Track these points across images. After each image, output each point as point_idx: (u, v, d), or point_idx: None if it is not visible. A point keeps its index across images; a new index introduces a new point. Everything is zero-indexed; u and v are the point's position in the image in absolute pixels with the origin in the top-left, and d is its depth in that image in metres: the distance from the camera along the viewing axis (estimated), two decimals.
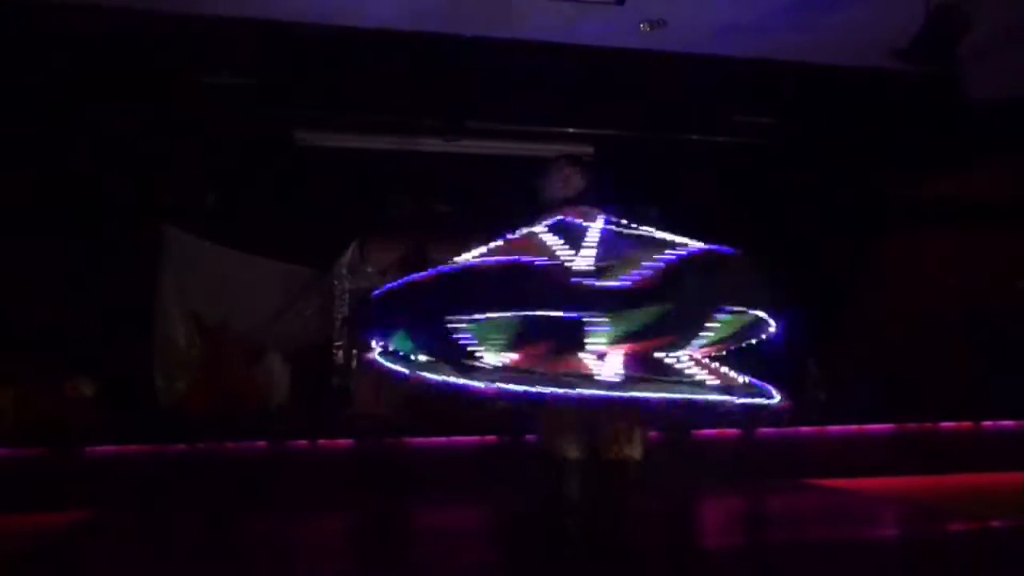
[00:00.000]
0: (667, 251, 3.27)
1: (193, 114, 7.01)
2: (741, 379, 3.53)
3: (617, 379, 3.18)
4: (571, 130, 7.72)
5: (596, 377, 3.16)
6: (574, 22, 6.03)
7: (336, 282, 7.70)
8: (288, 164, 7.70)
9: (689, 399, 3.17)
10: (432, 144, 7.70)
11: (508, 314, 3.21)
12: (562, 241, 3.42)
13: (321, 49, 6.28)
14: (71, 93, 6.52)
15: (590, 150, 7.94)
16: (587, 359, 3.23)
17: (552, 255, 3.33)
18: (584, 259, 3.28)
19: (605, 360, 3.25)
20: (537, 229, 3.61)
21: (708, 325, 3.40)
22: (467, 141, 7.64)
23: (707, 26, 6.14)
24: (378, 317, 3.65)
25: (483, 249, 3.56)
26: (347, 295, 7.63)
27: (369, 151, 7.83)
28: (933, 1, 5.54)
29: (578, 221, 3.63)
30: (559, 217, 3.68)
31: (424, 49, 6.29)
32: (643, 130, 7.70)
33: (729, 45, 6.43)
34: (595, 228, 3.54)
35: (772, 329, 3.67)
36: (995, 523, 4.97)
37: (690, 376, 3.36)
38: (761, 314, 3.53)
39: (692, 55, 6.56)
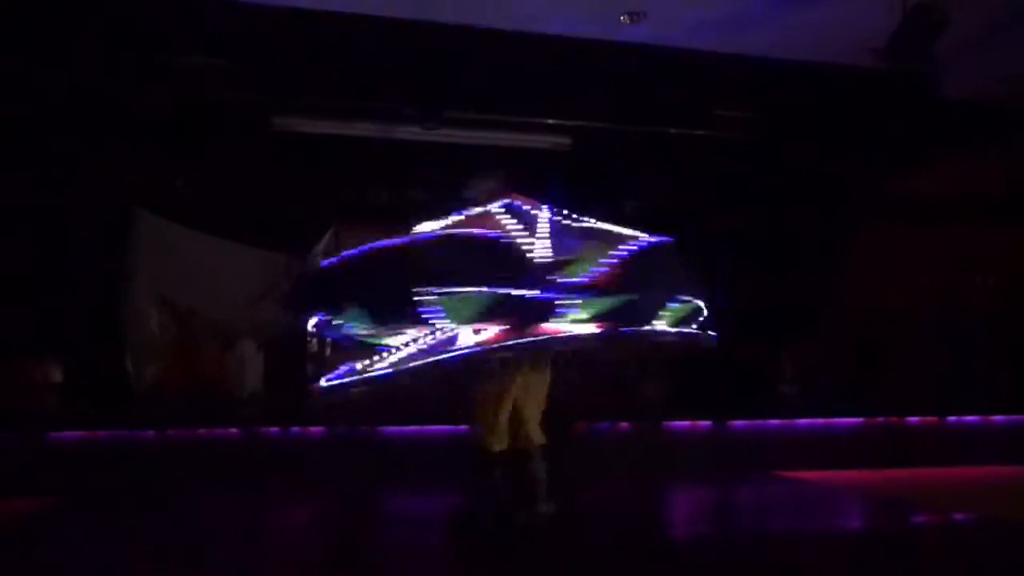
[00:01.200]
0: (618, 246, 3.39)
1: (167, 96, 6.90)
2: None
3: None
4: (550, 121, 7.71)
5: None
6: (555, 12, 6.02)
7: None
8: (265, 149, 7.61)
9: (600, 333, 3.31)
10: (411, 132, 7.65)
11: (469, 289, 3.27)
12: (517, 223, 3.47)
13: (300, 33, 6.21)
14: (42, 71, 6.40)
15: (568, 141, 7.94)
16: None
17: (508, 236, 3.38)
18: (542, 249, 3.34)
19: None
20: (492, 209, 3.63)
21: (661, 312, 3.55)
22: (446, 130, 7.60)
23: (687, 20, 6.16)
24: (319, 294, 3.65)
25: (435, 224, 3.61)
26: None
27: (347, 138, 7.76)
28: (910, 0, 5.60)
29: (526, 207, 3.67)
30: (508, 200, 3.70)
31: (404, 37, 6.25)
32: (621, 122, 7.70)
33: (709, 39, 6.45)
34: (543, 217, 3.58)
35: (704, 316, 3.80)
36: (958, 516, 5.08)
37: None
38: (700, 303, 3.68)
39: (672, 48, 6.56)
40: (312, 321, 3.75)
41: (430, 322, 3.45)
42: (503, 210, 3.63)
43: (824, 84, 7.05)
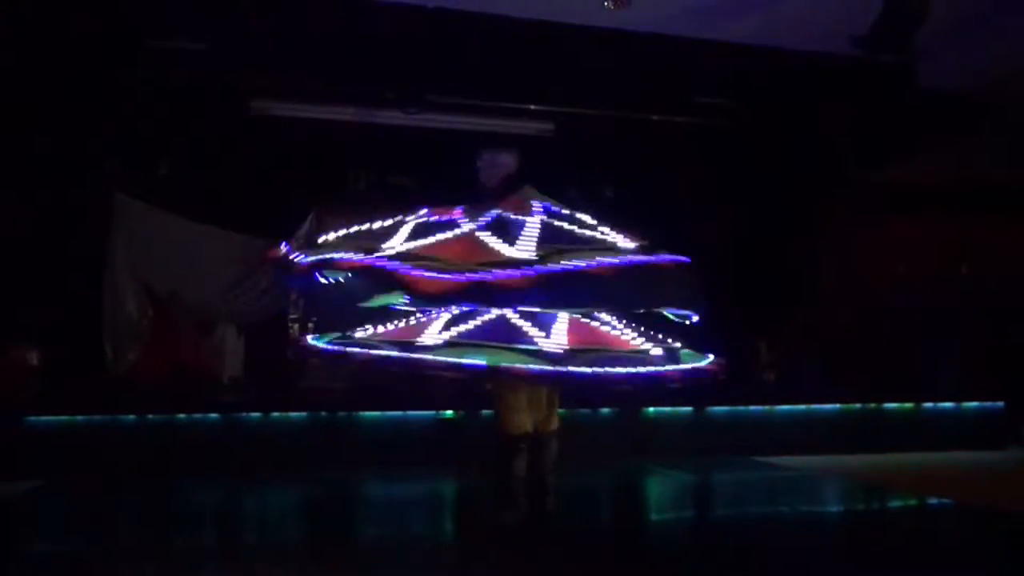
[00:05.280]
0: (610, 256, 3.28)
1: (147, 79, 6.82)
2: (678, 345, 3.63)
3: (560, 351, 3.22)
4: (532, 107, 7.70)
5: (542, 349, 3.21)
6: None
7: None
8: (244, 133, 7.53)
9: (636, 372, 3.23)
10: (392, 117, 7.60)
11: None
12: (499, 239, 3.44)
13: (279, 16, 6.14)
14: (22, 58, 6.30)
15: (551, 127, 7.93)
16: (532, 330, 3.29)
17: (491, 252, 3.36)
18: (523, 250, 3.32)
19: (550, 331, 3.32)
20: (474, 228, 3.57)
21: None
22: (428, 115, 7.56)
23: (672, 6, 6.14)
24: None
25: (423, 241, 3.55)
26: None
27: (328, 122, 7.70)
28: None
29: (514, 217, 3.60)
30: (496, 212, 3.63)
31: (386, 19, 6.19)
32: (604, 109, 7.70)
33: (693, 26, 6.44)
34: (533, 222, 3.54)
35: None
36: (932, 500, 5.17)
37: (635, 346, 3.45)
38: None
39: (656, 35, 6.55)
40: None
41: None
42: (485, 228, 3.55)
43: (807, 73, 7.07)
